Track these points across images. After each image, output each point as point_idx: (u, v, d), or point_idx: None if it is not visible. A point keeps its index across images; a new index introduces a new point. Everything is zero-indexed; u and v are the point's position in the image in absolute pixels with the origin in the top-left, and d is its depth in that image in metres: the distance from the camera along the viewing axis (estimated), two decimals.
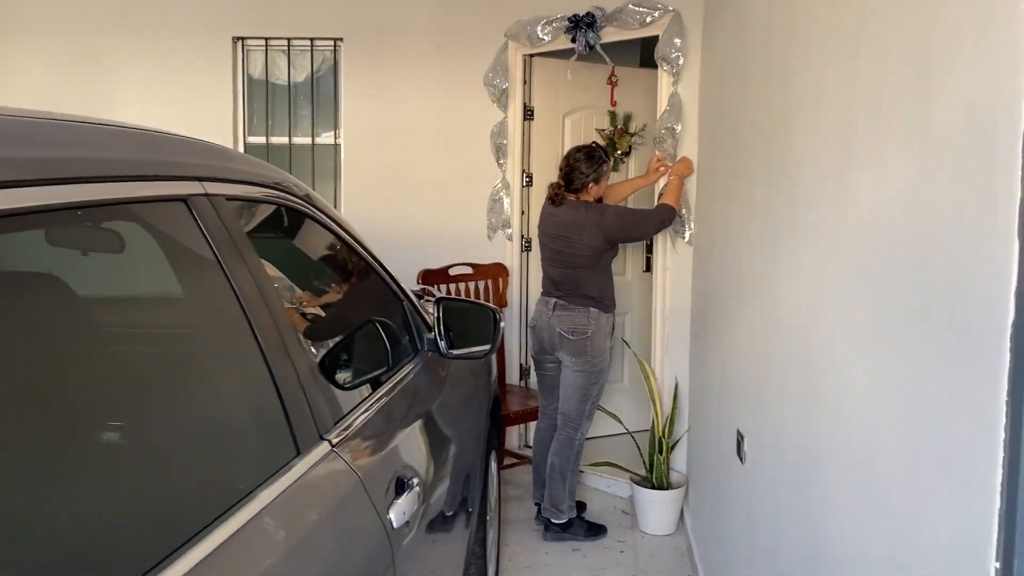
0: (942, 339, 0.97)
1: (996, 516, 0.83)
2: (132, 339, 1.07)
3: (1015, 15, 0.81)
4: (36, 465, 0.78)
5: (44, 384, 0.83)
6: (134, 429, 0.95)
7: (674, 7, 3.57)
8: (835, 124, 1.45)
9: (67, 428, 0.83)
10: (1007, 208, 0.80)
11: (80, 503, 0.81)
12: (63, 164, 0.94)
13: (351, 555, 1.25)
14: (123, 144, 1.11)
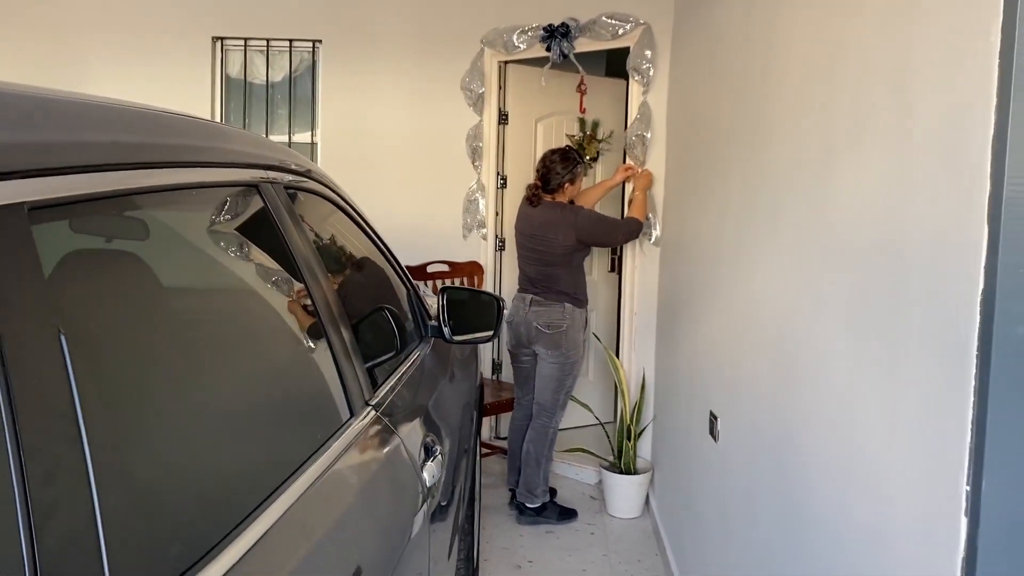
0: (918, 312, 1.18)
1: (967, 448, 1.03)
2: (220, 312, 1.21)
3: (988, 32, 1.01)
4: (150, 424, 0.89)
5: (144, 349, 0.95)
6: (238, 398, 1.08)
7: (645, 20, 3.79)
8: (816, 129, 1.66)
9: (175, 384, 0.96)
10: (978, 201, 1.00)
11: (198, 462, 0.94)
12: (180, 151, 1.07)
13: (401, 502, 1.40)
14: (212, 134, 1.25)
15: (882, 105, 1.34)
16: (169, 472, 0.83)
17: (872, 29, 1.40)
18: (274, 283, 1.32)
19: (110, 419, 0.75)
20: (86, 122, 0.90)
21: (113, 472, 0.70)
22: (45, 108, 0.83)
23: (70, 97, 0.90)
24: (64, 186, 0.75)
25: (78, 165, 0.80)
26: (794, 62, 1.84)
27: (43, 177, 0.73)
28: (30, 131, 0.77)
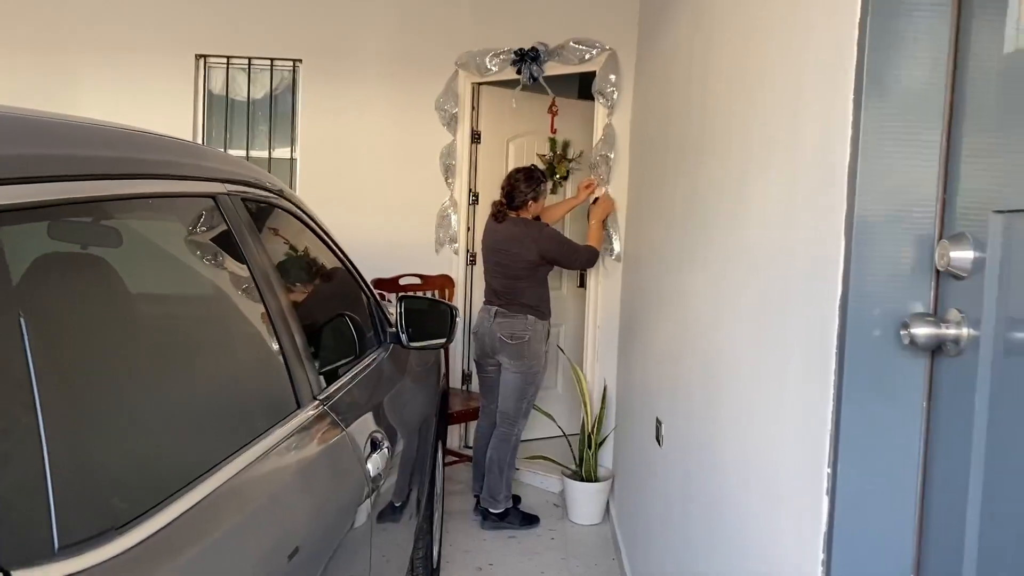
0: (799, 319, 1.32)
1: (828, 437, 1.17)
2: (175, 309, 1.34)
3: (847, 93, 1.17)
4: (104, 400, 1.03)
5: (107, 342, 1.08)
6: (186, 380, 1.22)
7: (611, 46, 3.96)
8: (736, 156, 1.82)
9: (133, 376, 1.09)
10: (838, 219, 1.15)
11: (146, 433, 1.07)
12: (126, 163, 1.21)
13: (341, 486, 1.53)
14: (170, 149, 1.39)
15: (780, 137, 1.49)
16: (117, 439, 0.96)
17: (774, 71, 1.56)
18: (228, 287, 1.46)
19: (65, 395, 0.88)
20: (54, 137, 1.04)
21: (64, 437, 0.83)
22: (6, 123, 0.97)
23: (31, 114, 1.04)
24: (29, 193, 0.89)
25: (44, 175, 0.94)
26: (721, 95, 1.99)
27: (10, 185, 0.87)
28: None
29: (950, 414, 1.07)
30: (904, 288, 1.13)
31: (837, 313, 1.15)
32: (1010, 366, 0.97)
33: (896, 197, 1.12)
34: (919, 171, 1.12)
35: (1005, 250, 0.98)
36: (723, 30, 2.00)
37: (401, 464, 2.19)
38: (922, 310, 1.12)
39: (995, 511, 0.97)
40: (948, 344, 1.07)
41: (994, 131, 1.01)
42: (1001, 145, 0.99)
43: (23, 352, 0.80)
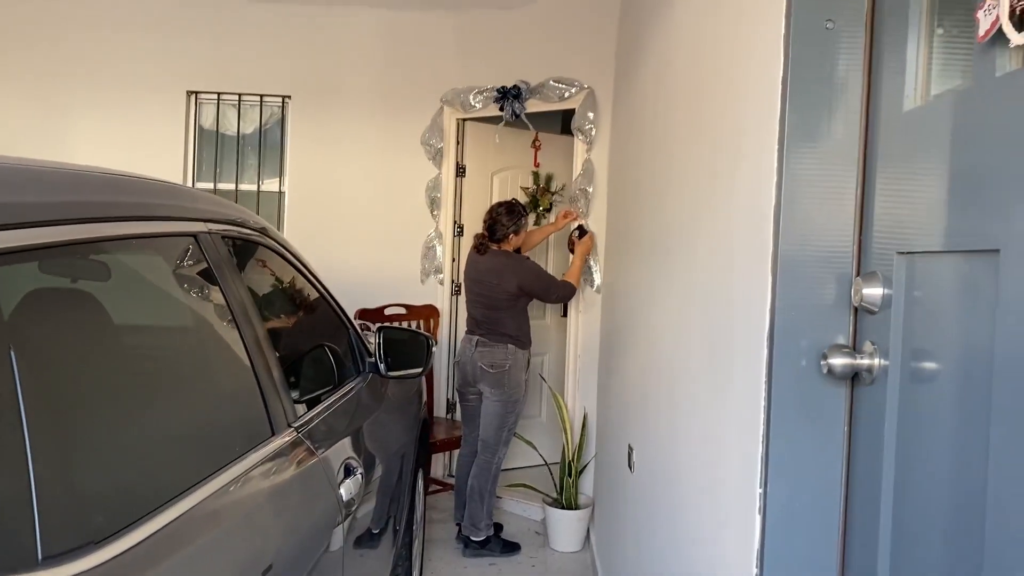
0: (740, 348, 1.42)
1: (759, 458, 1.27)
2: (156, 341, 1.44)
3: (772, 137, 1.28)
4: (85, 423, 1.12)
5: (93, 371, 1.18)
6: (164, 405, 1.31)
7: (589, 85, 4.10)
8: (689, 197, 1.93)
9: (115, 400, 1.19)
10: (767, 257, 1.26)
11: (126, 455, 1.16)
12: (113, 207, 1.30)
13: (312, 509, 1.61)
14: (154, 192, 1.49)
15: (723, 183, 1.60)
16: (99, 460, 1.05)
17: (719, 122, 1.67)
18: (208, 320, 1.55)
19: (51, 418, 0.97)
20: (42, 184, 1.14)
21: (49, 458, 0.92)
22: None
23: (25, 163, 1.14)
24: (20, 237, 0.98)
25: (38, 221, 1.03)
26: (678, 141, 2.11)
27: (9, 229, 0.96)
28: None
29: (867, 438, 1.17)
30: (827, 321, 1.23)
31: (765, 344, 1.25)
32: (913, 393, 1.07)
33: (817, 238, 1.23)
34: (838, 215, 1.22)
35: (908, 288, 1.09)
36: (679, 81, 2.13)
37: (377, 490, 2.27)
38: (843, 342, 1.22)
39: (902, 520, 1.07)
40: (863, 373, 1.17)
41: (897, 181, 1.12)
42: (903, 193, 1.10)
43: (12, 378, 0.89)
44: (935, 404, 1.01)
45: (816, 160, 1.23)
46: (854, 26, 1.21)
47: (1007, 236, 0.85)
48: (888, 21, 1.17)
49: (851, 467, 1.22)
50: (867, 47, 1.22)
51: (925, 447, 1.03)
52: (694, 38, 1.98)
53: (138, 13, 4.56)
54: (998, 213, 0.87)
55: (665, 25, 2.43)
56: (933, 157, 1.01)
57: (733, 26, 1.58)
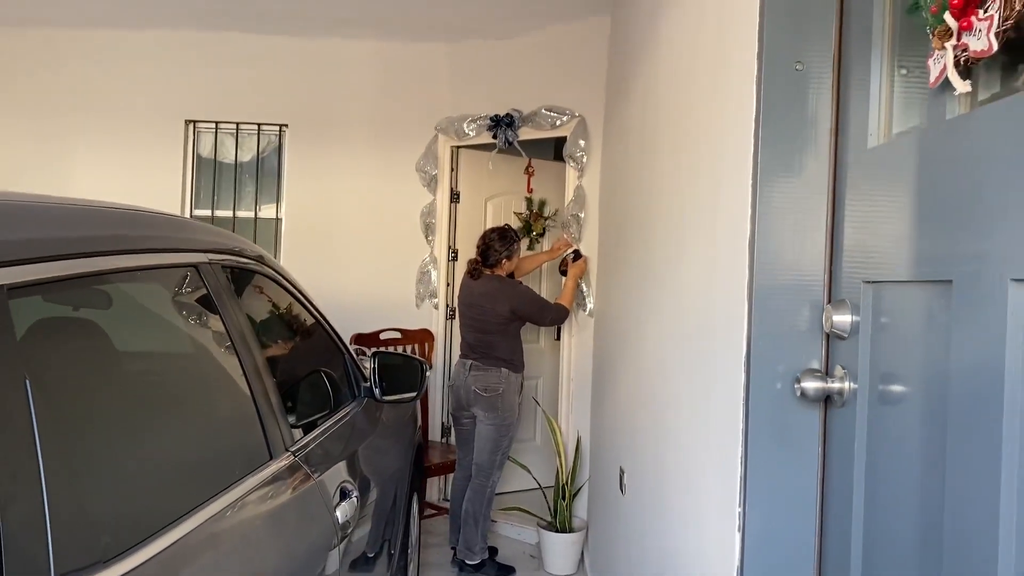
0: (721, 373, 1.48)
1: (739, 479, 1.32)
2: (159, 369, 1.49)
3: (747, 184, 1.35)
4: (93, 447, 1.17)
5: (99, 397, 1.23)
6: (167, 430, 1.36)
7: (580, 113, 4.19)
8: (675, 231, 1.99)
9: (121, 425, 1.24)
10: (743, 288, 1.32)
11: (132, 478, 1.21)
12: (118, 240, 1.36)
13: (309, 532, 1.65)
14: (157, 224, 1.55)
15: (706, 216, 1.67)
16: (105, 484, 1.10)
17: (702, 154, 1.75)
18: (208, 347, 1.61)
19: (63, 443, 1.02)
20: (54, 221, 1.20)
21: (60, 479, 0.97)
22: (18, 211, 1.13)
23: (38, 200, 1.20)
24: (35, 271, 1.04)
25: (45, 256, 1.09)
26: (665, 173, 2.19)
27: (19, 265, 1.02)
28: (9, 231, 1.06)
29: (839, 457, 1.23)
30: (801, 347, 1.29)
31: (743, 369, 1.31)
32: (880, 415, 1.12)
33: (790, 268, 1.29)
34: (809, 245, 1.29)
35: (875, 315, 1.15)
36: (663, 114, 2.21)
37: (372, 514, 2.31)
38: (816, 366, 1.28)
39: (872, 535, 1.12)
40: (835, 396, 1.23)
41: (863, 213, 1.19)
42: (868, 225, 1.17)
43: (27, 405, 0.94)
44: (899, 424, 1.07)
45: (789, 194, 1.29)
46: (822, 67, 1.28)
47: (958, 268, 0.91)
48: (854, 63, 1.24)
49: (826, 486, 1.27)
50: (835, 87, 1.29)
51: (891, 465, 1.09)
52: (676, 73, 2.06)
53: (137, 45, 4.65)
54: (949, 247, 0.93)
55: (650, 60, 2.52)
56: (894, 192, 1.08)
57: (711, 65, 1.65)
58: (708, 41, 1.70)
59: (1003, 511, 0.81)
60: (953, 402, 0.91)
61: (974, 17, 0.85)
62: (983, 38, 0.83)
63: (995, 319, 0.84)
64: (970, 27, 0.85)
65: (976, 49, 0.85)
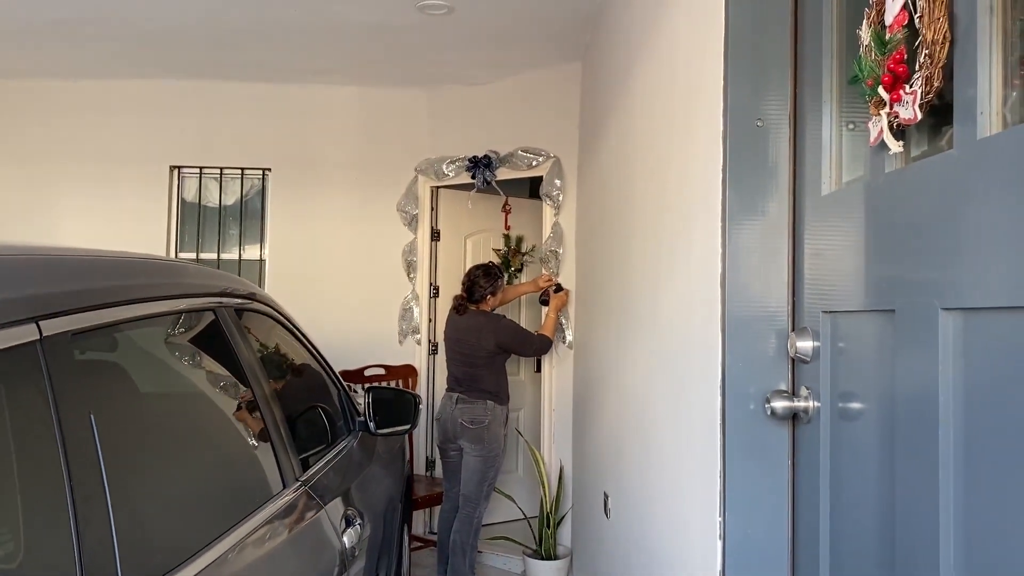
0: (698, 396, 1.63)
1: (718, 491, 1.47)
2: (189, 408, 1.61)
3: (716, 227, 1.51)
4: (151, 482, 1.29)
5: (139, 430, 1.34)
6: (192, 463, 1.48)
7: (555, 154, 4.38)
8: (651, 264, 2.16)
9: (164, 454, 1.35)
10: (717, 319, 1.48)
11: (176, 503, 1.33)
12: (142, 288, 1.48)
13: (321, 556, 1.77)
14: (178, 272, 1.68)
15: (680, 252, 1.83)
16: (157, 509, 1.22)
17: (674, 197, 1.92)
18: (229, 387, 1.73)
19: (119, 473, 1.14)
20: (98, 272, 1.32)
21: (122, 504, 1.09)
22: (80, 264, 1.26)
23: (91, 255, 1.33)
24: (96, 318, 1.17)
25: (98, 304, 1.22)
26: (638, 211, 2.36)
27: (81, 312, 1.15)
28: (66, 282, 1.19)
29: (806, 470, 1.38)
30: (769, 371, 1.45)
31: (719, 392, 1.47)
32: (839, 428, 1.28)
33: (758, 300, 1.45)
34: (774, 280, 1.45)
35: (833, 340, 1.31)
36: (637, 158, 2.38)
37: (371, 542, 2.41)
38: (784, 388, 1.44)
39: (837, 535, 1.27)
40: (801, 414, 1.38)
41: (820, 252, 1.35)
42: (824, 262, 1.34)
43: (93, 440, 1.06)
44: (857, 438, 1.22)
45: (754, 235, 1.46)
46: (780, 124, 1.46)
47: (899, 299, 1.07)
48: (809, 119, 1.42)
49: (796, 493, 1.42)
50: (792, 141, 1.46)
51: (850, 473, 1.24)
52: (651, 125, 2.24)
53: (123, 94, 4.77)
54: (891, 280, 1.10)
55: (624, 109, 2.70)
56: (845, 233, 1.25)
57: (682, 120, 1.83)
58: (678, 97, 1.88)
59: (942, 513, 0.96)
60: (899, 417, 1.07)
61: (902, 91, 1.02)
62: (910, 108, 1.00)
63: (929, 343, 1.00)
64: (899, 99, 1.02)
65: (905, 117, 1.02)
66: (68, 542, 0.97)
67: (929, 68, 0.96)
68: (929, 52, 0.95)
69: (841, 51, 1.33)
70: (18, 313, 1.03)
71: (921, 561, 1.00)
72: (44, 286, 1.12)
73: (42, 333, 1.06)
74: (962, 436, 0.94)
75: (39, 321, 1.06)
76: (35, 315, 1.06)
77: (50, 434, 1.00)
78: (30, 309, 1.06)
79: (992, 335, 0.89)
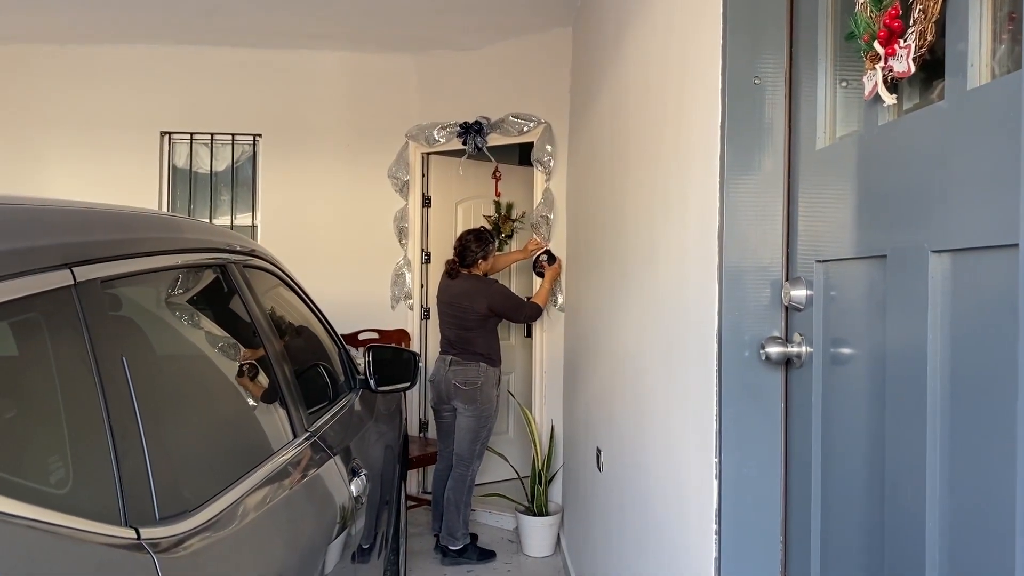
0: (695, 345, 1.70)
1: (714, 433, 1.54)
2: (208, 361, 1.66)
3: (715, 182, 1.57)
4: (183, 424, 1.35)
5: (174, 380, 1.40)
6: (211, 409, 1.54)
7: (546, 119, 4.41)
8: (646, 219, 2.22)
9: (173, 403, 1.41)
10: (714, 268, 1.54)
11: (204, 445, 1.39)
12: (150, 242, 1.53)
13: (332, 501, 1.84)
14: (189, 228, 1.72)
15: (676, 207, 1.89)
16: (186, 448, 1.28)
17: (670, 153, 1.97)
18: (244, 338, 1.78)
19: (150, 412, 1.20)
20: (130, 225, 1.37)
21: (155, 441, 1.15)
22: (111, 216, 1.30)
23: (119, 208, 1.37)
24: (121, 267, 1.22)
25: (127, 254, 1.27)
26: (633, 168, 2.41)
27: (109, 261, 1.20)
28: (91, 232, 1.23)
29: (799, 411, 1.45)
30: (764, 319, 1.52)
31: (715, 340, 1.53)
32: (832, 373, 1.35)
33: (754, 252, 1.52)
34: (769, 232, 1.51)
35: (826, 289, 1.38)
36: (632, 120, 2.43)
37: (372, 495, 2.49)
38: (777, 334, 1.51)
39: (827, 474, 1.35)
40: (794, 359, 1.46)
41: (813, 204, 1.42)
42: (818, 214, 1.40)
43: (127, 381, 1.12)
44: (848, 381, 1.30)
45: (750, 189, 1.52)
46: (776, 81, 1.51)
47: (890, 245, 1.14)
48: (804, 77, 1.47)
49: (789, 435, 1.50)
50: (787, 98, 1.52)
51: (841, 415, 1.32)
52: (647, 86, 2.29)
53: (112, 60, 4.75)
54: (883, 227, 1.16)
55: (617, 72, 2.74)
56: (838, 185, 1.31)
57: (679, 80, 1.88)
58: (675, 58, 1.93)
59: (928, 451, 1.03)
60: (890, 357, 1.14)
61: (897, 45, 1.08)
62: (904, 62, 1.06)
63: (919, 285, 1.06)
64: (894, 53, 1.08)
65: (899, 70, 1.07)
66: (109, 472, 1.02)
67: (923, 23, 1.01)
68: (923, 7, 1.01)
69: (836, 10, 1.38)
70: (53, 259, 1.08)
71: (909, 495, 1.08)
72: (76, 235, 1.17)
73: (76, 279, 1.10)
74: (948, 374, 1.01)
75: (73, 267, 1.11)
76: (69, 262, 1.11)
77: (89, 374, 1.06)
78: (64, 256, 1.10)
79: (978, 273, 0.96)
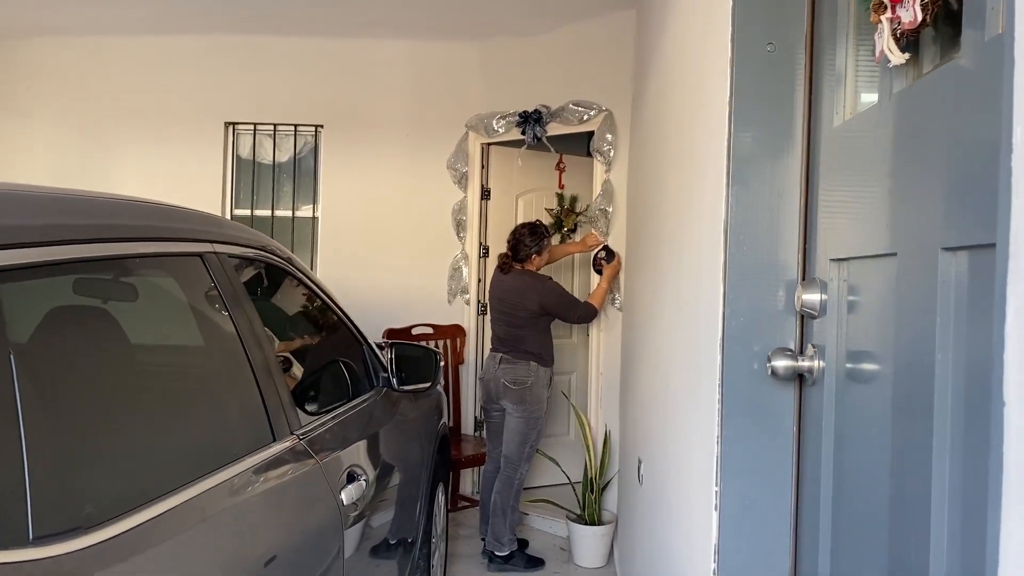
0: (705, 357, 1.49)
1: (715, 457, 1.33)
2: (162, 351, 1.56)
3: (722, 168, 1.36)
4: (90, 426, 1.25)
5: (90, 376, 1.30)
6: (179, 414, 1.43)
7: (607, 107, 4.20)
8: (675, 221, 2.00)
9: (111, 403, 1.31)
10: (719, 270, 1.33)
11: (119, 453, 1.28)
12: (115, 228, 1.44)
13: (308, 514, 1.71)
14: (157, 214, 1.62)
15: (694, 209, 1.68)
16: (92, 456, 1.17)
17: (694, 153, 1.76)
18: (212, 335, 1.68)
19: (47, 417, 1.09)
20: (65, 210, 1.27)
21: (42, 451, 1.04)
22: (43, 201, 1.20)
23: (51, 192, 1.28)
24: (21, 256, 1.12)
25: (51, 240, 1.17)
26: (670, 162, 2.20)
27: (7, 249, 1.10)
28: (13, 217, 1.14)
29: (812, 434, 1.23)
30: (775, 327, 1.30)
31: (719, 350, 1.32)
32: (845, 391, 1.13)
33: (766, 249, 1.30)
34: (784, 225, 1.29)
35: (839, 291, 1.15)
36: (670, 104, 2.21)
37: (386, 499, 2.36)
38: (791, 346, 1.29)
39: (838, 512, 1.12)
40: (806, 374, 1.23)
41: (829, 192, 1.19)
42: (833, 204, 1.17)
43: (11, 380, 1.01)
44: (861, 397, 1.07)
45: (763, 176, 1.30)
46: (794, 49, 1.29)
47: (900, 241, 0.92)
48: (825, 44, 1.25)
49: (801, 460, 1.27)
50: (808, 68, 1.29)
51: (857, 444, 1.09)
52: (683, 66, 2.07)
53: (177, 51, 4.81)
54: (894, 221, 0.94)
55: (661, 53, 2.52)
56: (851, 170, 1.09)
57: (696, 53, 1.66)
58: (698, 27, 1.71)
59: (935, 475, 0.81)
60: (898, 360, 0.91)
61: None
62: (910, 9, 0.83)
63: (928, 285, 0.84)
64: (900, 1, 0.85)
65: (906, 20, 0.85)
66: None
67: None
68: None
69: None
70: None
71: (915, 529, 0.86)
72: None
73: None
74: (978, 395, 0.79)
75: None
76: None
77: None
78: None
79: None
